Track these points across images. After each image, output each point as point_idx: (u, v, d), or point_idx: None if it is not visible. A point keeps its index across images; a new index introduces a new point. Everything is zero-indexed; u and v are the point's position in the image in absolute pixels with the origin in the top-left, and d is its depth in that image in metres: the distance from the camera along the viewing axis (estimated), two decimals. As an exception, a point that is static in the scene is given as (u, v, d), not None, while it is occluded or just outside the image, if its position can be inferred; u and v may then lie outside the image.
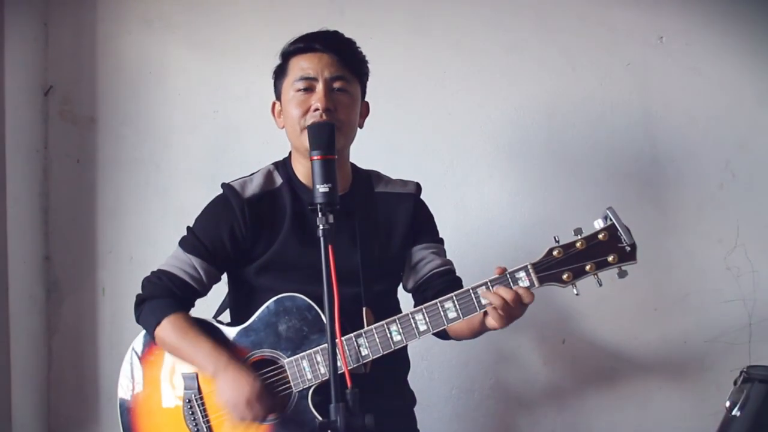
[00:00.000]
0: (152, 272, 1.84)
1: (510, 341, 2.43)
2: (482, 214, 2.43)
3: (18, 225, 2.49)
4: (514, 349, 2.43)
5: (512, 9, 2.41)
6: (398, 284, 1.91)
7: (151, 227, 2.59)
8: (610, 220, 1.52)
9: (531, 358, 2.43)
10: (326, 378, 1.64)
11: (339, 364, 1.60)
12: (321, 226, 1.45)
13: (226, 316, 1.95)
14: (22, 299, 2.52)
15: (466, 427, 2.45)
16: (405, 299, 1.92)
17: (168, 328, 1.75)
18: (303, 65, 1.75)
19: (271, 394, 1.68)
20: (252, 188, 1.80)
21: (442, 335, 1.74)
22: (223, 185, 1.83)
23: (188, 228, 1.85)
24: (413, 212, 1.86)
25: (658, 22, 2.34)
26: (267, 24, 2.51)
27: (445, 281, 1.81)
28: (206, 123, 2.57)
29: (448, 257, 1.90)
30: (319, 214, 1.46)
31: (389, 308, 1.85)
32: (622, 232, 1.51)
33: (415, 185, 1.91)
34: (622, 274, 1.53)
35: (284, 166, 1.86)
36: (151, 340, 1.82)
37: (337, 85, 1.74)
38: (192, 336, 1.73)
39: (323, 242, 1.45)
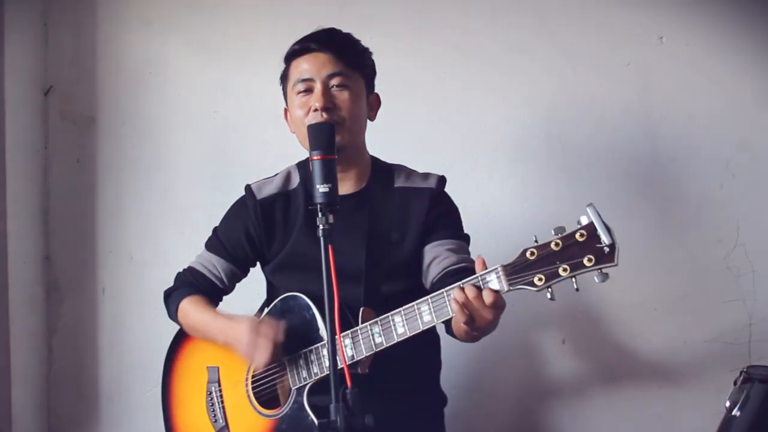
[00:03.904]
0: (183, 268, 1.96)
1: (510, 341, 2.43)
2: (482, 214, 2.42)
3: (18, 225, 2.49)
4: (514, 349, 2.43)
5: (512, 9, 2.40)
6: (418, 283, 1.83)
7: (151, 227, 2.59)
8: (590, 217, 1.38)
9: (531, 358, 2.43)
10: (319, 377, 1.68)
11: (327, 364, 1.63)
12: (321, 226, 1.46)
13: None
14: (22, 299, 2.52)
15: (466, 427, 2.45)
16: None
17: (184, 311, 1.86)
18: (301, 67, 1.77)
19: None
20: (269, 189, 1.86)
21: (450, 332, 1.72)
22: (245, 186, 1.89)
23: (214, 228, 1.96)
24: (428, 207, 1.79)
25: (658, 22, 2.33)
26: (267, 24, 2.51)
27: (459, 280, 1.59)
28: (206, 123, 2.57)
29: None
30: (319, 214, 1.46)
31: None
32: (601, 232, 1.35)
33: (436, 179, 1.84)
34: (603, 278, 1.37)
35: (304, 165, 1.88)
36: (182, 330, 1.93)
37: (335, 82, 1.75)
38: (202, 311, 1.84)
39: (323, 242, 1.45)
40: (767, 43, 2.30)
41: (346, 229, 1.49)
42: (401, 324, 1.57)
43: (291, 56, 1.80)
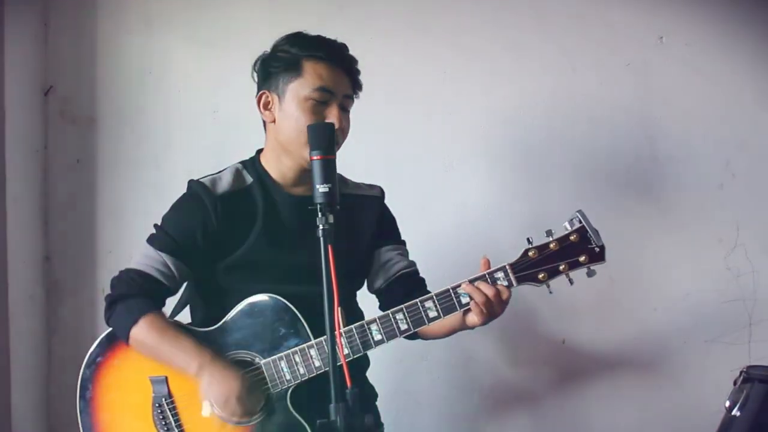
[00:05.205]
0: (121, 271, 1.79)
1: (510, 341, 2.43)
2: (482, 215, 2.43)
3: (18, 225, 2.49)
4: (515, 349, 2.43)
5: (512, 8, 2.41)
6: (360, 287, 1.93)
7: (151, 227, 2.58)
8: (580, 222, 1.61)
9: (531, 358, 2.43)
10: (306, 378, 1.67)
11: (320, 365, 1.66)
12: (321, 226, 1.45)
13: (182, 317, 1.90)
14: (22, 299, 2.52)
15: (466, 427, 2.45)
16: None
17: (145, 328, 1.71)
18: (323, 75, 1.72)
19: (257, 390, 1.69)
20: (223, 185, 1.78)
21: (411, 335, 1.72)
22: (192, 182, 1.81)
23: (156, 225, 1.82)
24: (379, 215, 1.90)
25: (658, 22, 2.34)
26: (267, 23, 2.50)
27: (413, 281, 1.88)
28: (206, 122, 2.57)
29: (447, 258, 1.90)
30: (319, 214, 1.46)
31: (354, 310, 1.87)
32: (591, 234, 1.61)
33: (380, 189, 1.94)
34: (591, 274, 1.62)
35: (253, 165, 1.85)
36: (122, 341, 1.76)
37: (345, 104, 1.76)
38: (171, 335, 1.71)
39: (323, 242, 1.44)
40: (767, 43, 2.30)
41: (311, 232, 1.47)
42: (403, 321, 1.65)
43: (310, 56, 1.73)
